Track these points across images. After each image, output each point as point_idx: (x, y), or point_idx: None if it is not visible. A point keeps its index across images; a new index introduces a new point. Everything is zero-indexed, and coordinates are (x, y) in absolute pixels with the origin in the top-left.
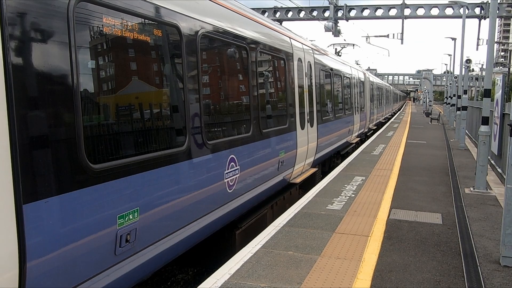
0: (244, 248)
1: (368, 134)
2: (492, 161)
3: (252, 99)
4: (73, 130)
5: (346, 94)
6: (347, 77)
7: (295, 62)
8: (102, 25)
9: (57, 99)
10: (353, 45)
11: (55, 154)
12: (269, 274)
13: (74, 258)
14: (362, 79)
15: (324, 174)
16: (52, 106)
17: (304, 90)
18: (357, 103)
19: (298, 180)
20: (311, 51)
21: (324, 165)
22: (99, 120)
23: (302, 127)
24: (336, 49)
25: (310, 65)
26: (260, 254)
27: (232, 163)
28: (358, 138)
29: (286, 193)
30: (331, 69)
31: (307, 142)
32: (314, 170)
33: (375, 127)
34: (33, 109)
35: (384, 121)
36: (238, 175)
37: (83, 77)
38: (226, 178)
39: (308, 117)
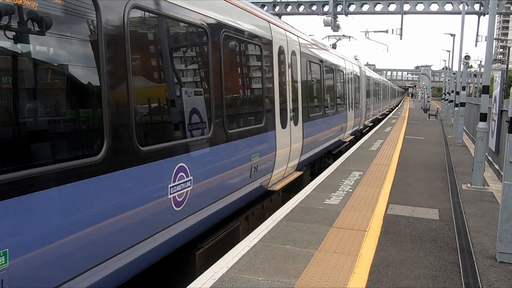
0: (242, 241)
1: (364, 131)
2: (490, 158)
3: (213, 93)
4: None
5: (338, 89)
6: (340, 70)
7: (275, 51)
8: None
9: None
10: (349, 37)
11: None
12: (266, 268)
13: None
14: (358, 74)
15: (314, 176)
16: None
17: (287, 83)
18: (352, 99)
19: (278, 186)
20: (296, 39)
21: (314, 166)
22: None
23: (284, 126)
24: (334, 43)
25: (295, 55)
26: (258, 247)
27: (182, 174)
28: (353, 136)
29: (266, 200)
30: (321, 61)
31: (290, 143)
32: (298, 173)
33: (372, 124)
34: None
35: (381, 117)
36: (191, 187)
37: None
38: (171, 193)
39: (292, 114)
